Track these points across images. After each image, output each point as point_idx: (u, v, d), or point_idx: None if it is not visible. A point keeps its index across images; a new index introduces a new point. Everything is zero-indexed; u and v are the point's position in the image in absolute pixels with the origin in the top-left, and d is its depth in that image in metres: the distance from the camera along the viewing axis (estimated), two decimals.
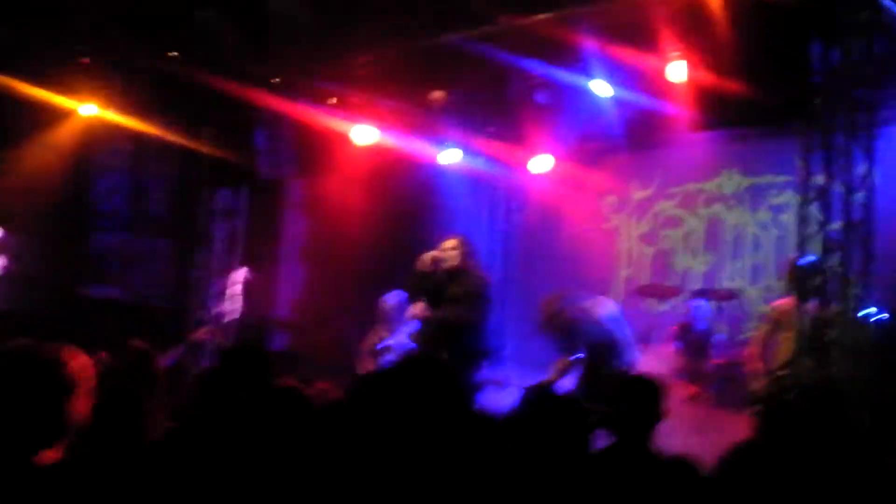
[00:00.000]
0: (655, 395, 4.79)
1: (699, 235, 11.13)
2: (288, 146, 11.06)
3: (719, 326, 9.97)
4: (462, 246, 8.29)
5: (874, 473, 4.49)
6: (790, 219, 10.06)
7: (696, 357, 9.42)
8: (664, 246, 11.37)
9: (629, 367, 7.78)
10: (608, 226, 11.87)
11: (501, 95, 10.25)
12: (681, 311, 10.64)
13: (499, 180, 12.53)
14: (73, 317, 10.97)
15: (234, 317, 11.74)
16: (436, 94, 10.08)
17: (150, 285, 11.89)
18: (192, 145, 11.16)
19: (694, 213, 11.21)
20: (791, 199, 10.08)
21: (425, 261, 8.29)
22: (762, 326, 8.40)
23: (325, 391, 4.72)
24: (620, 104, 9.99)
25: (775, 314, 8.17)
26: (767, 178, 10.62)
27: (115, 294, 11.89)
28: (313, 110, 10.71)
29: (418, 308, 8.37)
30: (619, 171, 11.66)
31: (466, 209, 12.23)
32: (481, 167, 11.97)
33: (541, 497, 3.58)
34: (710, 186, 11.10)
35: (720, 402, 9.02)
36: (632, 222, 11.72)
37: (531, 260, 12.23)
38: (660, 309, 11.08)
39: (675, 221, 11.35)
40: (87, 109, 10.83)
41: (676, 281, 11.04)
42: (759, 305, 10.44)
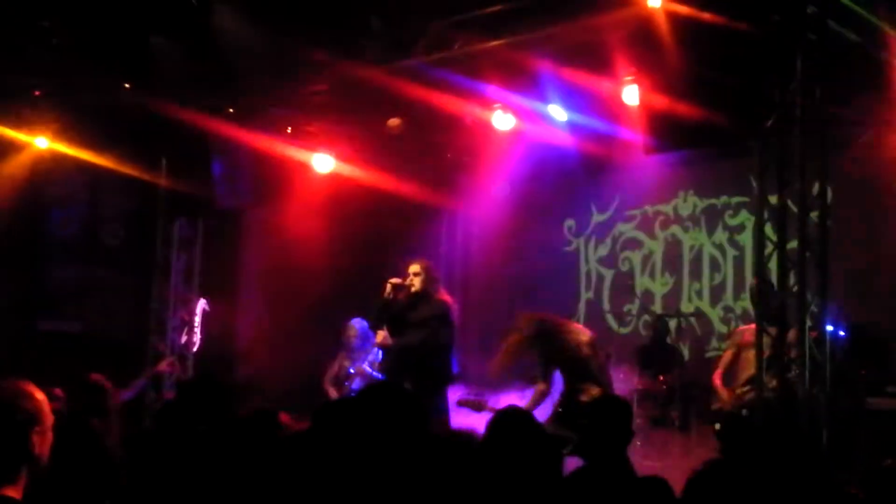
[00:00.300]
0: (625, 414, 4.81)
1: (658, 257, 11.20)
2: (245, 175, 10.98)
3: (681, 346, 10.01)
4: (425, 271, 8.28)
5: (830, 487, 4.55)
6: (747, 239, 10.18)
7: (656, 377, 9.44)
8: (624, 268, 11.42)
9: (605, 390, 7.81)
10: (568, 249, 11.90)
11: (458, 121, 10.27)
12: (642, 332, 10.71)
13: (457, 206, 12.54)
14: (29, 351, 10.83)
15: (194, 348, 11.65)
16: (392, 121, 10.06)
17: (107, 317, 11.72)
18: (148, 176, 11.06)
19: (652, 236, 11.27)
20: (747, 219, 10.20)
21: (387, 288, 8.28)
22: (727, 348, 8.61)
23: (287, 421, 4.68)
24: (576, 128, 10.06)
25: (738, 338, 8.40)
26: (723, 200, 10.71)
27: (71, 327, 11.73)
28: (270, 139, 10.67)
29: (381, 337, 8.34)
30: (578, 194, 11.72)
31: (425, 235, 12.22)
32: (439, 192, 11.98)
33: None
34: (667, 209, 11.17)
35: (683, 422, 9.07)
36: (591, 245, 11.76)
37: (492, 285, 12.23)
38: (620, 332, 11.14)
39: (634, 243, 11.41)
40: (41, 142, 10.74)
41: (636, 302, 11.07)
42: (719, 326, 10.52)
